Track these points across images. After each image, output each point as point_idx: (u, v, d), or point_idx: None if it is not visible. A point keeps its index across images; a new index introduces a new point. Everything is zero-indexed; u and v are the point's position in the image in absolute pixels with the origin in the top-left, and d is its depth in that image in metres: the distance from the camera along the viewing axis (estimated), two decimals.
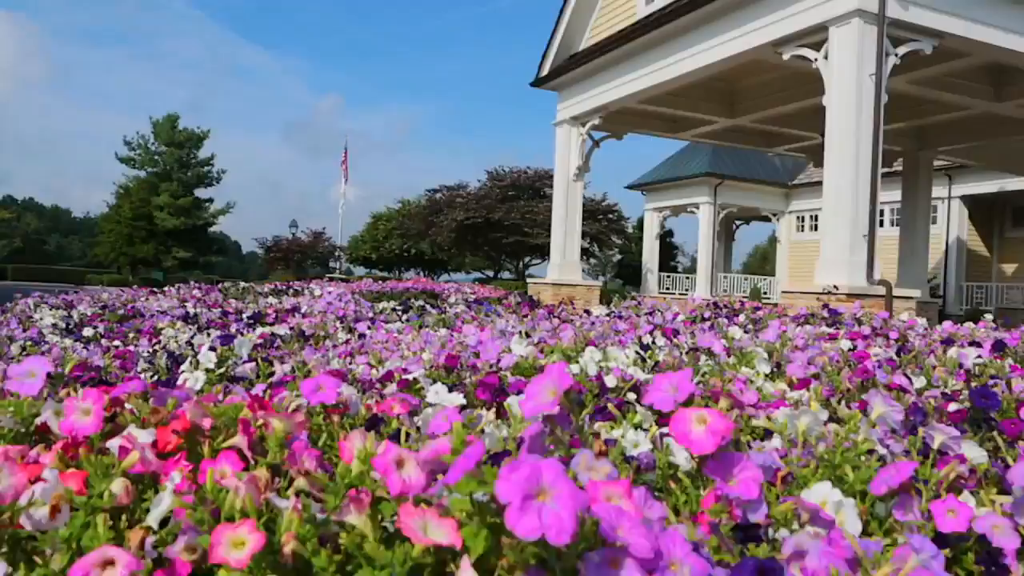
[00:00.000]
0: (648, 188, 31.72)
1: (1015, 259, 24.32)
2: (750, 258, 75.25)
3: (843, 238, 9.22)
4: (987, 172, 22.00)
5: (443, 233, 29.45)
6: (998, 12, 10.13)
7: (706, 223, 29.14)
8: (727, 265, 33.92)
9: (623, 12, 14.03)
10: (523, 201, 28.26)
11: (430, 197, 31.82)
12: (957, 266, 24.13)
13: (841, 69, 9.27)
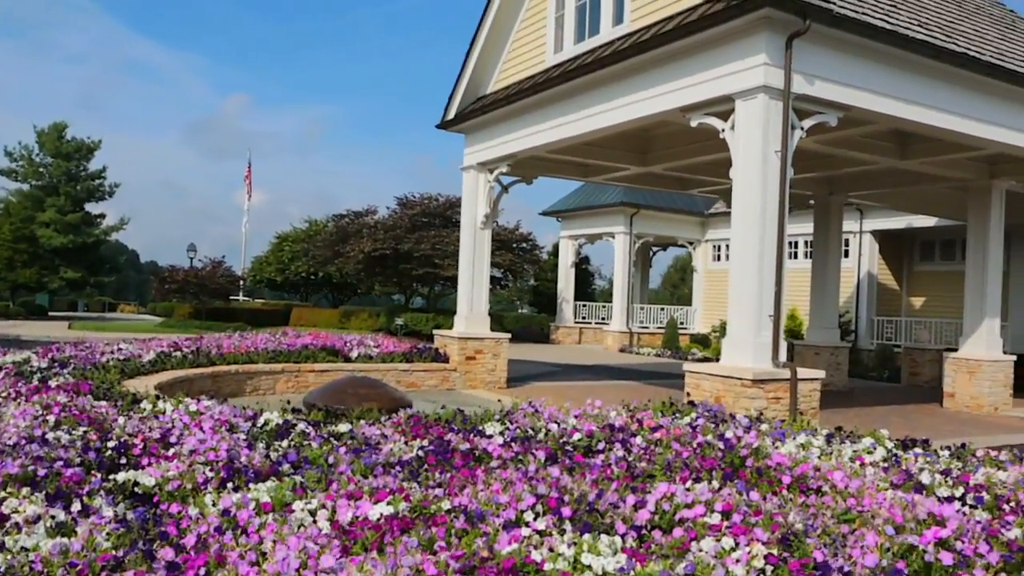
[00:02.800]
0: (563, 215, 31.90)
1: (923, 292, 25.24)
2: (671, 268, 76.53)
3: (749, 318, 9.30)
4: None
5: (350, 264, 28.96)
6: (902, 84, 10.42)
7: (622, 252, 29.42)
8: (644, 293, 34.34)
9: (532, 58, 13.99)
10: (434, 231, 28.00)
11: (336, 223, 31.27)
12: (868, 300, 24.90)
13: (747, 143, 9.37)
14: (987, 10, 14.23)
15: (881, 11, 10.40)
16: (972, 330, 15.22)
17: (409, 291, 32.33)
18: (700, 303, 32.22)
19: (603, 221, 29.84)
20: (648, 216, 29.54)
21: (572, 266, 31.96)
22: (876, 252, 25.20)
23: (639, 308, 31.48)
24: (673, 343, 27.50)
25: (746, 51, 9.31)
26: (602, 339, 30.03)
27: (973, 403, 14.96)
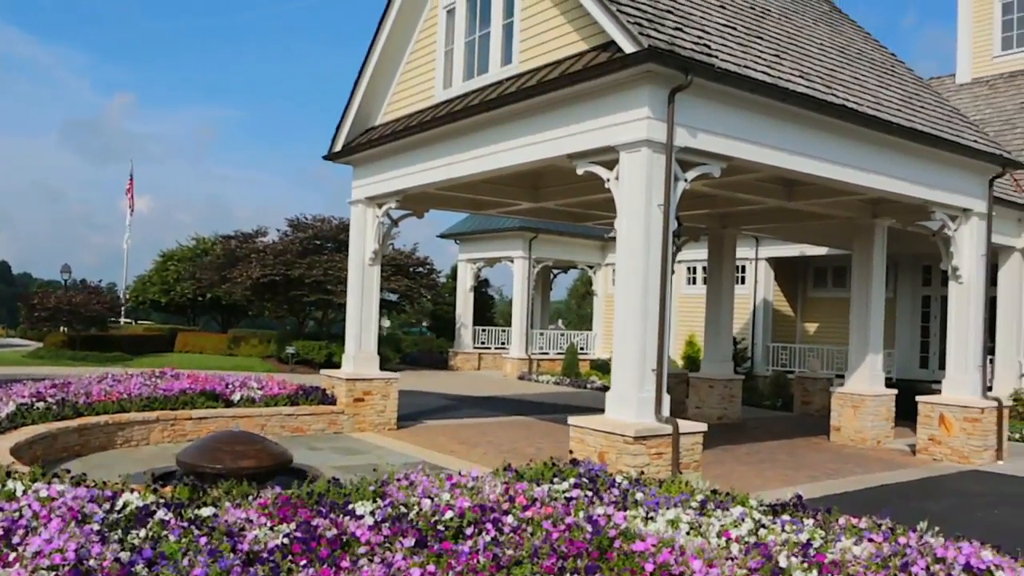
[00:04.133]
0: (461, 238, 31.95)
1: (817, 318, 26.22)
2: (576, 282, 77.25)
3: (632, 373, 9.49)
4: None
5: (238, 291, 28.31)
6: (784, 135, 10.85)
7: (520, 277, 29.63)
8: (544, 318, 34.65)
9: (422, 91, 13.99)
10: (326, 255, 27.64)
11: (224, 246, 30.54)
12: (764, 326, 25.72)
13: (631, 195, 9.58)
14: (868, 55, 14.95)
15: (764, 63, 10.81)
16: (856, 365, 15.89)
17: (302, 315, 31.81)
18: (600, 327, 32.68)
19: (502, 245, 30.02)
20: (547, 240, 29.86)
21: (471, 290, 32.03)
22: (772, 279, 26.07)
23: (538, 334, 31.76)
24: (573, 370, 27.82)
25: (629, 103, 9.54)
26: (501, 365, 30.16)
27: (857, 436, 15.61)
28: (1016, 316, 19.85)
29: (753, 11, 13.06)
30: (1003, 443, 14.54)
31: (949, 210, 14.04)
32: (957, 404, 14.19)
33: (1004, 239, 19.00)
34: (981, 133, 14.99)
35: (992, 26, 24.96)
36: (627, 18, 9.31)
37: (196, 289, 33.77)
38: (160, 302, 42.05)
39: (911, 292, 24.64)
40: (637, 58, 9.05)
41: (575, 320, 70.83)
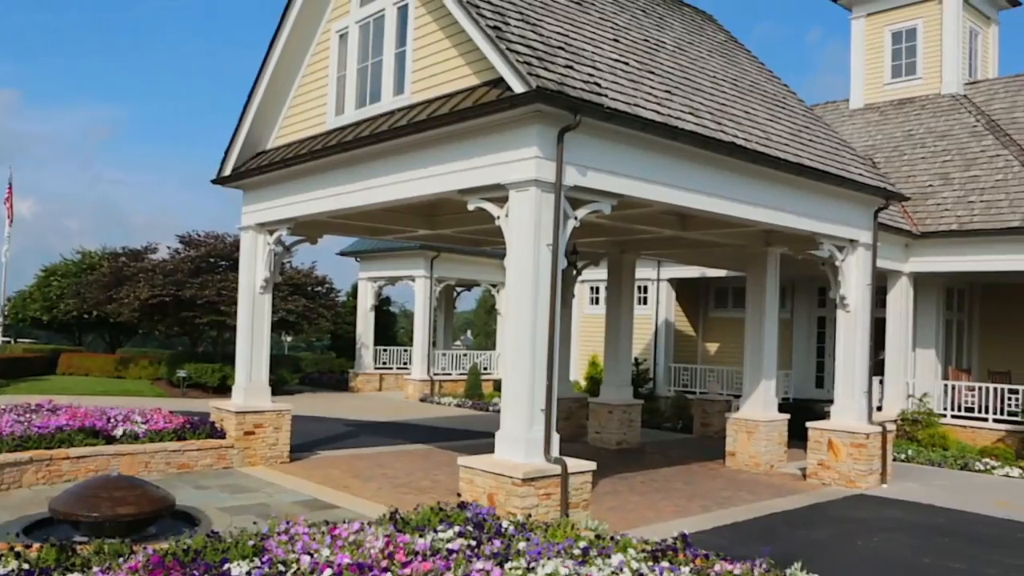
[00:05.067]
0: (362, 256, 31.74)
1: (718, 338, 26.96)
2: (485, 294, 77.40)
3: (521, 413, 9.63)
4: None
5: (125, 312, 27.50)
6: (674, 172, 11.18)
7: (422, 297, 29.63)
8: (448, 337, 34.67)
9: (314, 117, 13.91)
10: (220, 274, 27.11)
11: (111, 264, 29.62)
12: (666, 347, 26.29)
13: (520, 234, 9.73)
14: (761, 87, 15.52)
15: (655, 100, 11.12)
16: (751, 391, 16.42)
17: (195, 335, 31.07)
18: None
19: (403, 264, 29.96)
20: (450, 259, 29.93)
21: (372, 309, 31.84)
22: (673, 299, 26.68)
23: (441, 354, 31.77)
24: (476, 391, 27.92)
25: (519, 142, 9.69)
26: (403, 386, 30.07)
27: (752, 462, 16.12)
28: (904, 338, 20.80)
29: (647, 44, 13.44)
30: (887, 466, 15.23)
31: (836, 241, 14.67)
32: (844, 430, 14.81)
33: (892, 264, 19.93)
34: (867, 165, 15.72)
35: (883, 54, 26.15)
36: (516, 57, 9.48)
37: (81, 307, 32.63)
38: (42, 320, 40.52)
39: (807, 313, 25.57)
40: (526, 98, 9.21)
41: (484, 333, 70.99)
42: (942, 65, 24.86)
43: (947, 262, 20.08)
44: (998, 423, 19.61)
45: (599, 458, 16.97)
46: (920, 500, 13.88)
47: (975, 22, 25.87)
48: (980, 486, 15.51)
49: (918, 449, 18.44)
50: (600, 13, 13.42)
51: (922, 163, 22.38)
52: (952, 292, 23.10)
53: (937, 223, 20.11)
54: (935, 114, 23.95)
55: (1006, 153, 20.84)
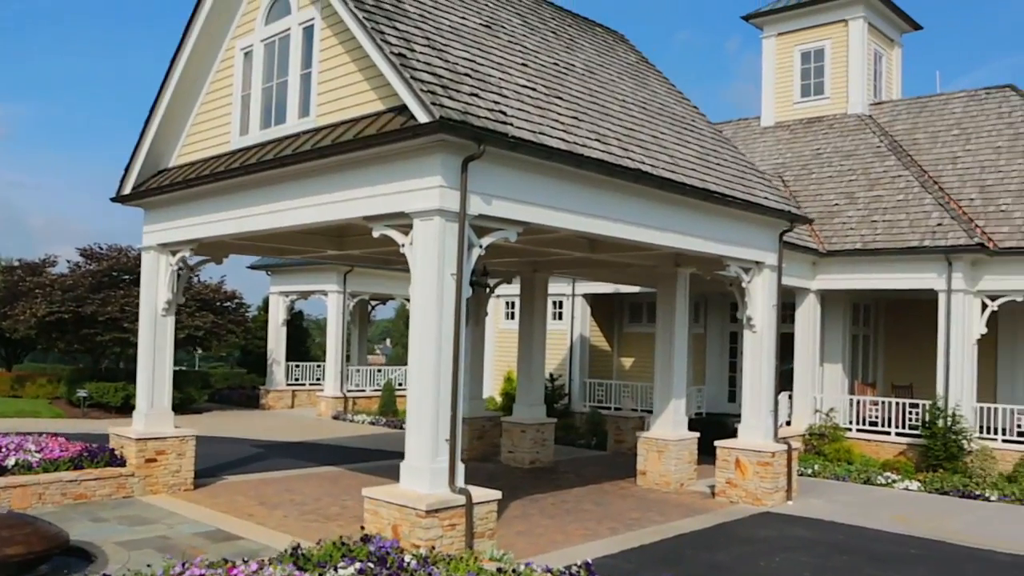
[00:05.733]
0: (274, 270, 31.35)
1: (632, 353, 27.42)
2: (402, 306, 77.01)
3: (425, 443, 9.70)
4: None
5: (20, 330, 26.61)
6: (580, 199, 11.38)
7: (335, 312, 29.43)
8: (362, 352, 34.47)
9: (218, 136, 13.75)
10: (123, 289, 26.43)
11: (6, 279, 28.62)
12: (581, 362, 26.63)
13: (424, 263, 9.81)
14: (670, 109, 15.90)
15: (561, 126, 11.33)
16: (661, 410, 16.76)
17: (97, 352, 30.18)
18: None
19: (316, 278, 29.70)
20: (363, 273, 29.76)
21: (283, 324, 31.47)
22: (588, 314, 27.04)
23: (355, 370, 31.58)
24: (390, 408, 27.82)
25: (423, 171, 9.77)
26: (316, 403, 29.78)
27: (662, 480, 16.45)
28: (812, 353, 21.48)
29: (556, 68, 13.66)
30: (792, 483, 15.71)
31: (743, 263, 15.10)
32: (751, 448, 15.24)
33: (800, 281, 20.60)
34: (773, 188, 16.23)
35: (793, 73, 27.01)
36: (421, 86, 9.56)
37: None
38: None
39: (720, 328, 26.19)
40: (429, 128, 9.30)
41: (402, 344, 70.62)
42: (848, 86, 25.81)
43: (852, 280, 20.84)
44: (900, 436, 20.39)
45: (512, 478, 17.25)
46: (823, 517, 14.37)
47: (880, 44, 26.92)
48: (881, 501, 16.12)
49: (824, 463, 19.05)
50: (510, 36, 13.59)
51: (829, 182, 23.18)
52: (858, 308, 23.96)
53: (843, 242, 20.85)
54: (842, 133, 24.83)
55: (907, 174, 21.73)
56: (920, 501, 16.28)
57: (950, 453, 18.52)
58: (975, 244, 18.75)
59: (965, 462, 18.29)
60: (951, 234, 19.18)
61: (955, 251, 18.95)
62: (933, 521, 14.40)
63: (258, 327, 34.81)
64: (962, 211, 20.64)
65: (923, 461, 18.99)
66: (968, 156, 22.39)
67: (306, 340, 38.95)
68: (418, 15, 11.63)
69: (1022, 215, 19.73)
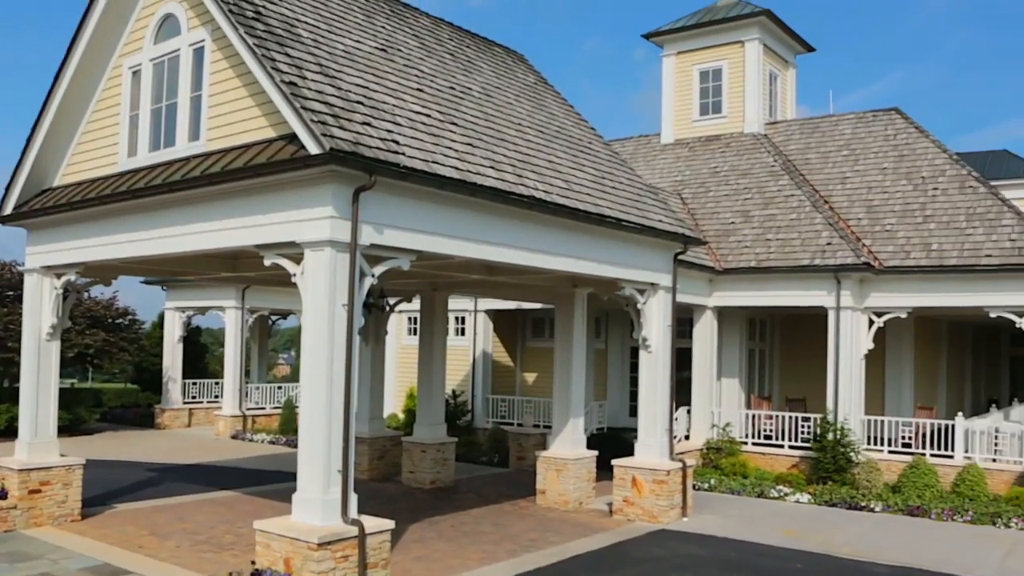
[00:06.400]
0: (170, 284, 30.71)
1: (535, 368, 27.76)
2: None
3: (318, 475, 9.76)
4: None
5: None
6: (474, 226, 11.59)
7: (233, 328, 29.01)
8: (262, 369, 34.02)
9: (105, 156, 13.50)
10: (6, 307, 25.53)
11: None
12: (484, 378, 26.84)
13: (315, 293, 9.87)
14: (567, 132, 16.26)
15: (455, 154, 11.52)
16: (560, 429, 17.07)
17: None
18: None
19: (213, 293, 29.21)
20: (263, 288, 29.37)
21: (180, 340, 30.85)
22: (491, 330, 27.28)
23: (254, 388, 31.16)
24: (290, 426, 27.47)
25: (314, 201, 9.84)
26: (215, 422, 29.28)
27: (561, 500, 16.75)
28: (710, 369, 22.16)
29: (452, 92, 13.86)
30: (688, 500, 16.20)
31: (638, 285, 15.54)
32: (647, 467, 15.67)
33: (698, 299, 21.24)
34: (669, 210, 16.74)
35: (692, 92, 27.84)
36: (312, 115, 9.63)
37: None
38: None
39: (621, 344, 26.74)
40: (320, 159, 9.38)
41: None
42: (745, 105, 26.73)
43: (747, 297, 21.58)
44: (793, 449, 21.18)
45: (412, 499, 17.34)
46: (716, 533, 14.86)
47: (775, 65, 27.96)
48: (773, 515, 16.73)
49: (721, 478, 19.66)
50: (406, 59, 13.74)
51: (726, 200, 23.96)
52: (755, 323, 24.79)
53: (738, 260, 21.58)
54: (738, 152, 25.69)
55: (799, 193, 22.62)
56: (810, 514, 16.96)
57: (839, 465, 19.33)
58: (862, 263, 19.65)
59: (853, 474, 19.12)
60: (839, 253, 20.07)
61: (843, 270, 19.82)
62: (821, 534, 15.04)
63: (153, 343, 34.01)
64: (850, 230, 21.59)
65: (814, 473, 19.77)
66: (856, 176, 23.44)
67: (204, 356, 38.22)
68: (311, 40, 11.69)
69: (905, 235, 20.77)
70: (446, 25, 17.30)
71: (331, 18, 13.13)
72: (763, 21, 26.68)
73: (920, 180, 22.24)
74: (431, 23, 16.72)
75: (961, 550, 14.16)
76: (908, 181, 22.41)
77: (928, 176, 22.22)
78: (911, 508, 17.02)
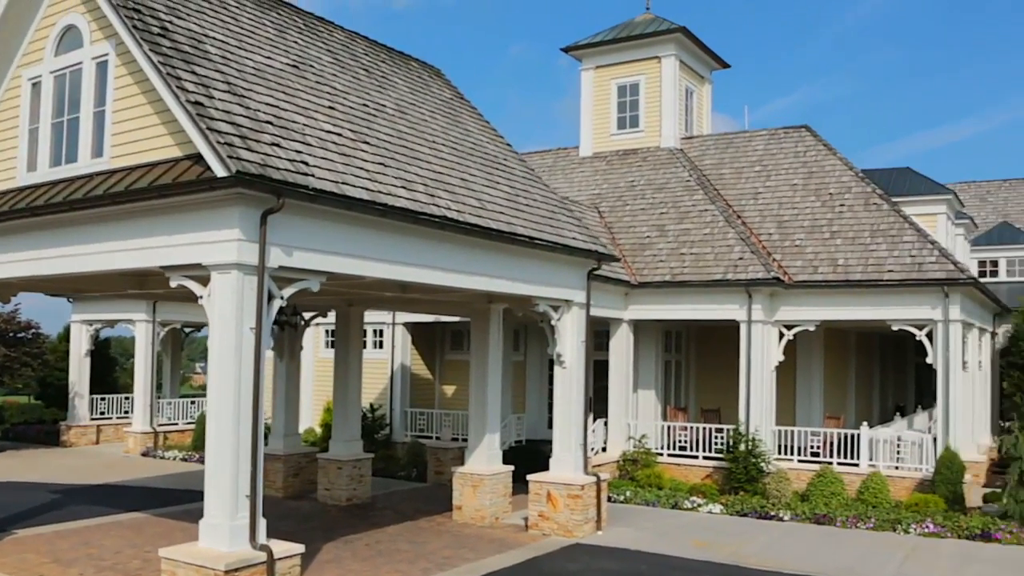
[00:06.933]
0: (76, 296, 29.85)
1: (455, 380, 27.81)
2: None
3: (225, 500, 9.67)
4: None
5: None
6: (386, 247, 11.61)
7: (144, 342, 28.42)
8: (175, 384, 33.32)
9: (3, 171, 13.13)
10: None
11: None
12: (403, 391, 26.77)
13: (222, 317, 9.79)
14: (482, 148, 16.39)
15: (366, 174, 11.54)
16: (476, 444, 17.15)
17: None
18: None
19: (122, 306, 28.48)
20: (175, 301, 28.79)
21: (87, 354, 30.02)
22: (409, 343, 27.22)
23: (166, 403, 30.52)
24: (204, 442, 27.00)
25: (220, 223, 9.75)
26: (125, 439, 28.57)
27: (477, 515, 16.83)
28: (626, 381, 22.51)
29: (365, 109, 13.87)
30: (602, 513, 16.44)
31: (552, 302, 15.73)
32: (561, 482, 15.85)
33: (613, 312, 21.59)
34: (583, 227, 16.98)
35: (610, 106, 28.29)
36: (218, 137, 9.56)
37: None
38: None
39: (539, 356, 26.93)
40: (226, 182, 9.30)
41: None
42: (662, 120, 27.29)
43: (662, 310, 22.01)
44: (707, 460, 21.66)
45: (327, 517, 17.24)
46: (629, 546, 15.11)
47: (691, 81, 28.58)
48: (686, 526, 17.08)
49: (636, 489, 19.97)
50: (318, 76, 13.70)
51: (642, 214, 24.39)
52: (670, 335, 25.27)
53: (653, 274, 22.00)
54: (655, 166, 26.18)
55: (713, 208, 23.17)
56: (722, 524, 17.35)
57: (750, 476, 19.85)
58: (772, 278, 20.22)
59: (764, 483, 19.66)
60: (751, 268, 20.61)
61: (754, 284, 20.37)
62: (731, 545, 15.42)
63: (58, 357, 33.04)
64: (762, 245, 22.20)
65: (727, 484, 20.25)
66: (768, 192, 24.11)
67: (113, 370, 37.23)
68: (220, 57, 11.59)
69: (813, 250, 21.44)
70: (361, 39, 17.27)
71: (241, 33, 13.03)
72: (679, 38, 27.26)
73: (828, 197, 23.00)
74: (346, 37, 16.69)
75: (862, 557, 14.70)
76: (817, 197, 23.15)
77: (835, 193, 22.99)
78: (818, 516, 17.56)
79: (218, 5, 13.28)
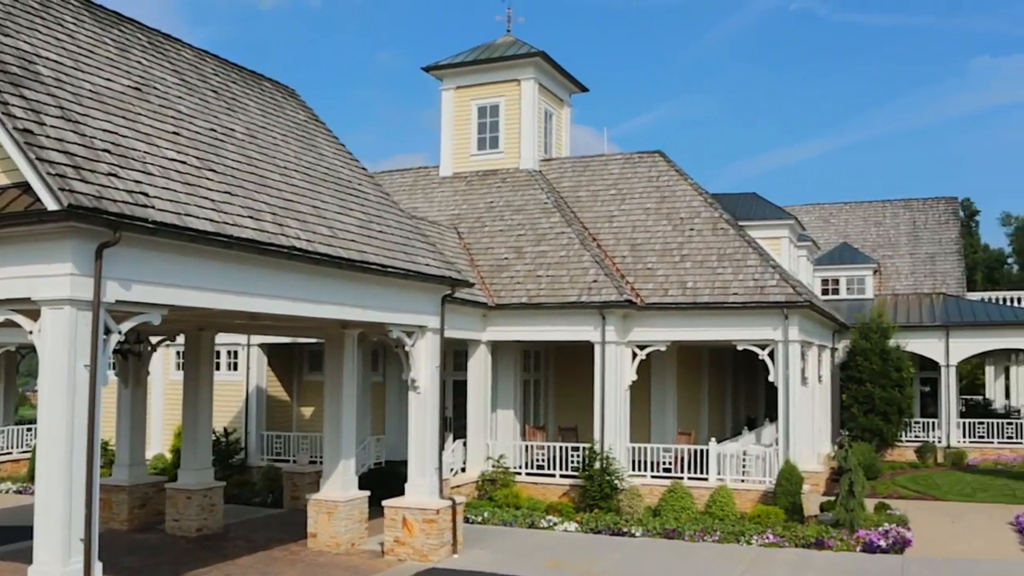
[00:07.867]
0: None
1: (313, 402, 27.46)
2: None
3: (56, 545, 9.31)
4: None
5: None
6: (233, 278, 11.47)
7: None
8: (9, 410, 31.59)
9: None
10: None
11: None
12: (258, 415, 26.23)
13: (54, 354, 9.47)
14: (336, 173, 16.36)
15: (211, 204, 11.38)
16: (331, 471, 17.05)
17: None
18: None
19: None
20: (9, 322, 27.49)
21: None
22: (265, 364, 26.71)
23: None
24: None
25: (52, 257, 9.43)
26: None
27: (333, 542, 16.72)
28: (484, 401, 22.77)
29: (213, 134, 13.66)
30: (458, 536, 16.61)
31: (405, 328, 15.83)
32: (417, 507, 15.95)
33: (471, 334, 21.83)
34: (437, 253, 17.15)
35: (470, 126, 28.62)
36: (49, 167, 9.27)
37: None
38: None
39: (399, 377, 26.63)
40: (58, 216, 9.04)
41: None
42: (521, 142, 27.77)
43: (520, 331, 22.41)
44: (564, 478, 22.14)
45: (176, 550, 16.80)
46: (484, 569, 15.34)
47: (550, 104, 29.22)
48: (541, 545, 17.43)
49: (494, 510, 20.23)
50: (162, 99, 13.42)
51: (500, 235, 24.76)
52: (529, 354, 25.71)
53: (511, 295, 22.37)
54: (514, 188, 26.61)
55: (569, 231, 23.75)
56: (576, 542, 17.79)
57: (604, 493, 20.40)
58: (624, 300, 20.89)
59: (618, 500, 20.24)
60: (604, 291, 21.24)
61: (608, 306, 21.00)
62: (583, 563, 15.85)
63: None
64: (616, 268, 22.89)
65: (583, 501, 20.74)
66: (623, 216, 24.89)
67: None
68: (53, 80, 11.22)
69: (664, 273, 22.27)
70: (211, 58, 16.97)
71: (78, 53, 12.63)
72: (538, 62, 27.85)
73: (679, 221, 23.93)
74: (194, 56, 16.36)
75: (706, 570, 15.39)
76: (668, 221, 24.06)
77: (686, 217, 23.94)
78: (668, 531, 18.23)
79: (52, 22, 12.84)
